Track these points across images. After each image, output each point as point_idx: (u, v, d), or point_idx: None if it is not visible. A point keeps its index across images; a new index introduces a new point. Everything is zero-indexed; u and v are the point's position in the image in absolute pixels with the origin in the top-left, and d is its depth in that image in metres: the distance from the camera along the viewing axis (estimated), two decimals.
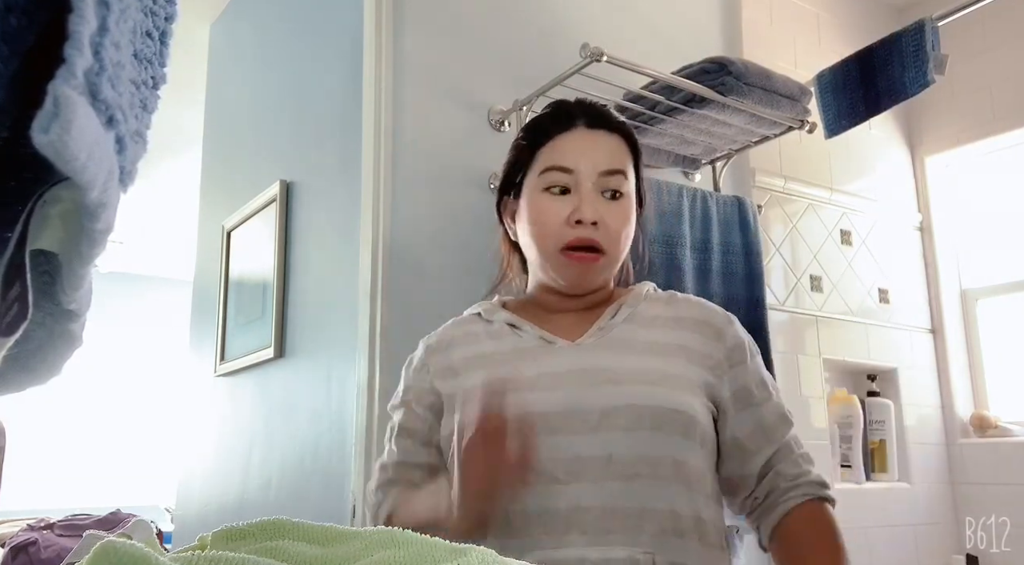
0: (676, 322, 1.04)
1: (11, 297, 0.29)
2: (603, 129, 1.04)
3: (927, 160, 2.66)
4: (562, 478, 0.92)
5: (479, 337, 1.06)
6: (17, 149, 0.28)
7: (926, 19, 1.66)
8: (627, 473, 0.91)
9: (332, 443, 1.64)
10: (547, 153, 1.03)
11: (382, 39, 1.63)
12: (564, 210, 1.00)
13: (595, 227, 0.99)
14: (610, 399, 0.94)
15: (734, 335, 1.05)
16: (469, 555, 0.39)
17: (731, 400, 1.01)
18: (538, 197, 1.02)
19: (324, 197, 1.84)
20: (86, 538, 0.39)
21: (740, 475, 1.01)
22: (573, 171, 1.01)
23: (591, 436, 0.92)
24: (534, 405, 0.94)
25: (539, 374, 0.98)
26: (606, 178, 1.01)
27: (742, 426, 1.00)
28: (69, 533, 2.85)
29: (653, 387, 0.95)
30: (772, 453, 1.00)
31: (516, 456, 0.85)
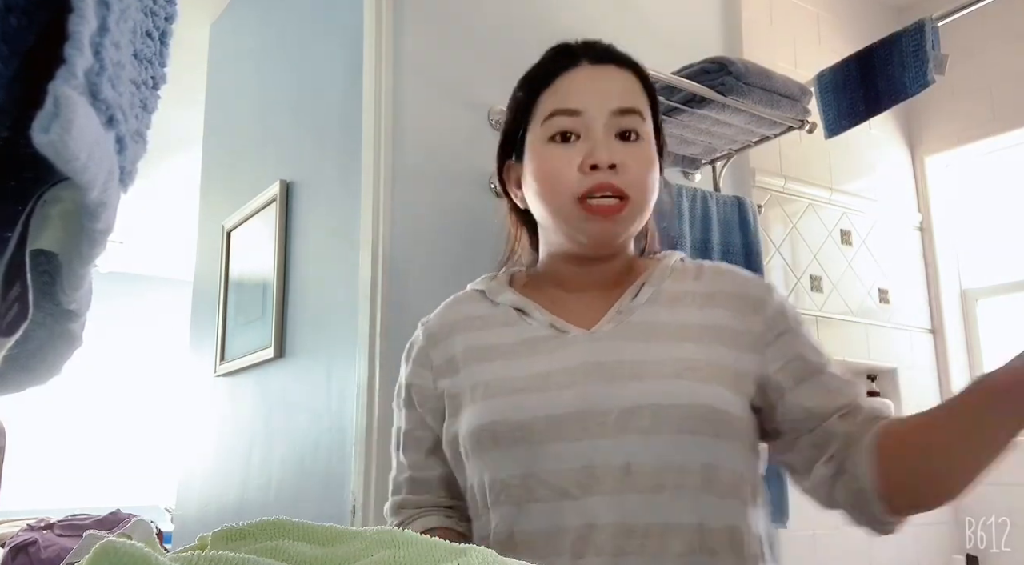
0: (707, 299, 0.90)
1: (11, 297, 0.29)
2: (611, 64, 0.90)
3: (927, 160, 2.66)
4: (573, 492, 0.80)
5: (483, 323, 0.94)
6: (17, 149, 0.28)
7: (926, 19, 1.66)
8: (648, 484, 0.79)
9: (332, 443, 1.64)
10: (549, 98, 0.89)
11: (382, 39, 1.63)
12: (575, 157, 0.86)
13: (613, 171, 0.84)
14: (629, 398, 0.81)
15: (775, 303, 0.90)
16: (469, 555, 0.39)
17: (783, 374, 0.86)
18: (543, 149, 0.88)
19: (324, 197, 1.84)
20: (86, 538, 0.39)
21: (812, 444, 0.84)
22: (581, 112, 0.86)
23: (607, 442, 0.80)
24: (540, 407, 0.83)
25: (549, 371, 0.85)
26: (619, 118, 0.87)
27: (807, 398, 0.85)
28: (69, 533, 2.85)
29: (679, 381, 0.82)
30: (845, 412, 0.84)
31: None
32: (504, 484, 0.83)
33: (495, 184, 1.70)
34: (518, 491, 0.82)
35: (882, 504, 0.78)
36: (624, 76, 0.90)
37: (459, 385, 0.90)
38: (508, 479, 0.83)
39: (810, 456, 0.85)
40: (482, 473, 0.85)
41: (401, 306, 1.55)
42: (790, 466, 0.89)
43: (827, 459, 0.83)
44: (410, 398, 0.96)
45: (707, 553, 0.79)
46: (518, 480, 0.82)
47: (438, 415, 0.93)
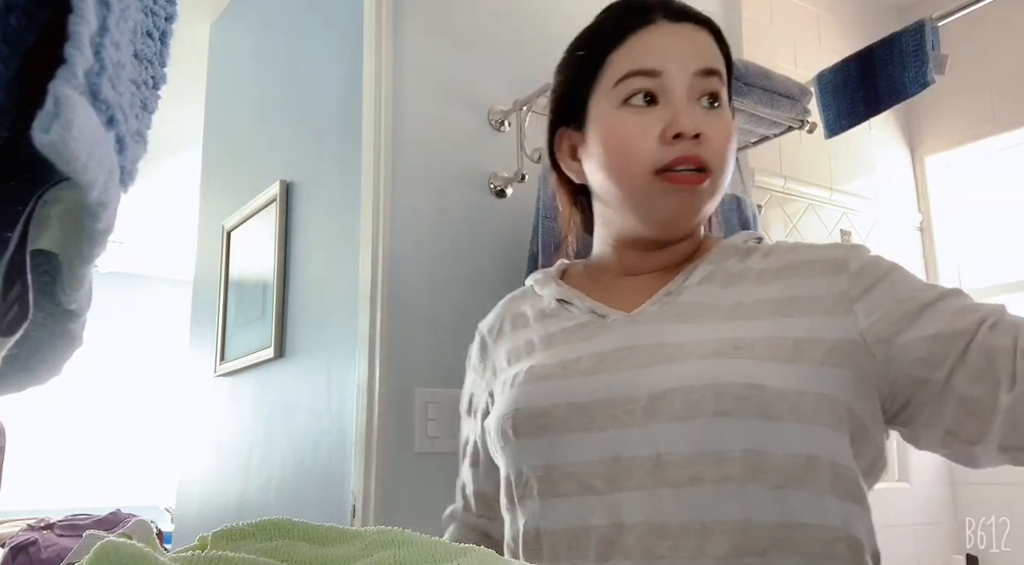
0: (774, 274, 0.79)
1: (11, 297, 0.29)
2: (689, 22, 0.81)
3: (927, 160, 2.66)
4: (599, 486, 0.72)
5: (526, 319, 0.88)
6: (17, 149, 0.28)
7: (926, 19, 1.66)
8: (683, 476, 0.69)
9: (332, 443, 1.64)
10: (621, 57, 0.79)
11: (382, 39, 1.63)
12: (654, 125, 0.76)
13: (697, 141, 0.76)
14: (658, 383, 0.72)
15: (859, 257, 0.78)
16: (469, 555, 0.39)
17: (885, 322, 0.72)
18: (616, 114, 0.78)
19: (324, 197, 1.84)
20: (86, 538, 0.39)
21: (971, 377, 0.68)
22: (661, 73, 0.77)
23: (635, 431, 0.71)
24: (562, 394, 0.76)
25: (578, 357, 0.78)
26: (702, 80, 0.78)
27: (928, 326, 0.70)
28: (69, 533, 2.85)
29: (714, 360, 0.71)
30: (993, 322, 0.68)
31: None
32: (527, 477, 0.77)
33: (495, 184, 1.71)
34: (541, 485, 0.75)
35: None
36: (704, 35, 0.81)
37: (497, 385, 0.86)
38: (530, 472, 0.76)
39: (979, 393, 0.66)
40: (507, 466, 0.80)
41: (401, 306, 1.55)
42: (959, 434, 0.69)
43: (1010, 381, 0.65)
44: (469, 407, 0.93)
45: (755, 554, 0.67)
46: (540, 472, 0.75)
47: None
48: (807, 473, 0.69)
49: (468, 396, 0.93)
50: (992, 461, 0.70)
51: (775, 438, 0.69)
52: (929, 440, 0.72)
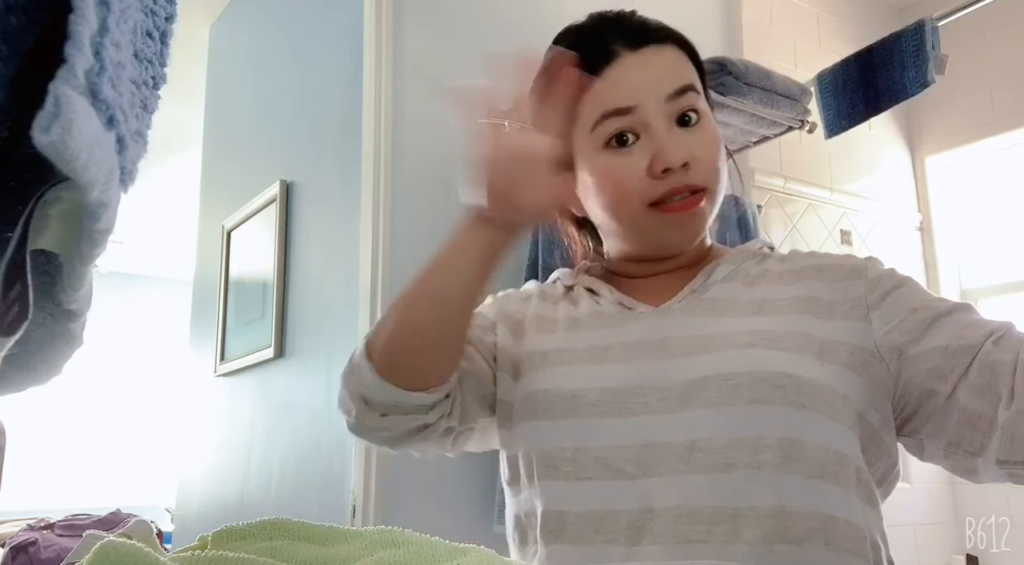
0: (794, 275, 0.80)
1: (11, 297, 0.29)
2: (651, 44, 0.80)
3: (927, 160, 2.66)
4: (629, 471, 0.71)
5: (556, 299, 0.88)
6: (17, 149, 0.28)
7: (926, 19, 1.66)
8: (716, 462, 0.69)
9: (332, 443, 1.64)
10: (590, 101, 0.79)
11: (382, 39, 1.63)
12: (640, 160, 0.76)
13: (686, 169, 0.75)
14: (694, 370, 0.72)
15: (875, 266, 0.79)
16: (469, 555, 0.39)
17: (899, 331, 0.72)
18: (600, 157, 0.79)
19: (324, 197, 1.84)
20: (86, 538, 0.39)
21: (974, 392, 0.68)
22: (634, 108, 0.77)
23: (669, 417, 0.71)
24: (595, 379, 0.75)
25: (610, 344, 0.78)
26: (676, 101, 0.77)
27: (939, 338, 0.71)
28: (69, 533, 2.85)
29: (751, 349, 0.72)
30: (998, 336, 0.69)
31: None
32: (552, 457, 0.75)
33: None
34: (568, 467, 0.74)
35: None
36: (669, 52, 0.80)
37: (521, 351, 0.84)
38: (557, 452, 0.75)
39: (980, 408, 0.67)
40: (530, 444, 0.78)
41: None
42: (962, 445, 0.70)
43: (1009, 397, 0.66)
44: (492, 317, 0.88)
45: (790, 541, 0.66)
46: (568, 454, 0.74)
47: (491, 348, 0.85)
48: (838, 469, 0.69)
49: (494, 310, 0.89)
50: (992, 475, 0.70)
51: (809, 429, 0.69)
52: (933, 451, 0.73)
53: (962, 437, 0.69)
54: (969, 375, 0.68)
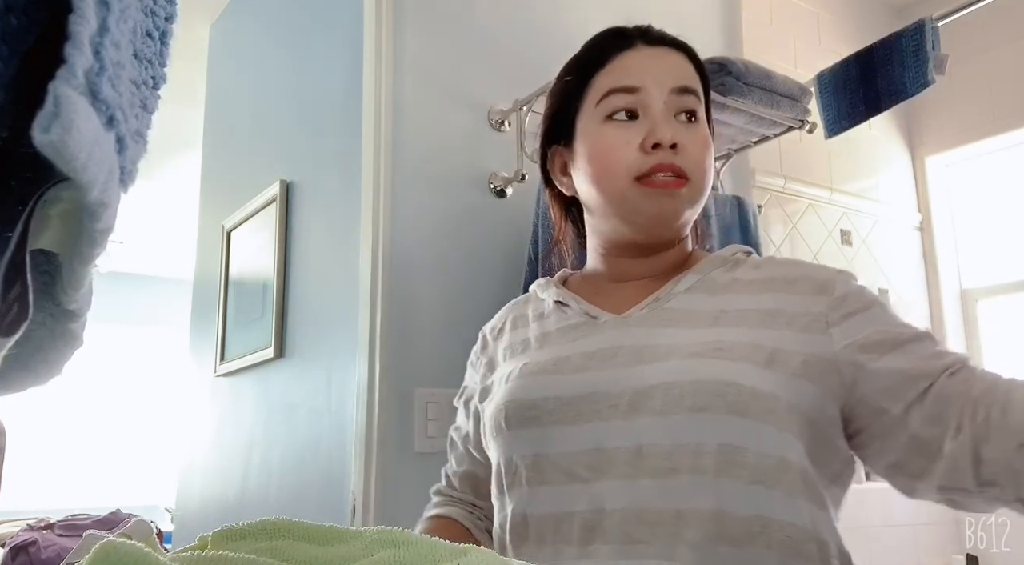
0: (759, 285, 0.83)
1: (11, 297, 0.29)
2: (666, 46, 0.89)
3: (927, 160, 2.66)
4: (583, 475, 0.76)
5: (526, 320, 0.94)
6: (17, 149, 0.28)
7: (926, 19, 1.66)
8: (661, 467, 0.73)
9: (332, 443, 1.64)
10: (604, 78, 0.87)
11: (382, 39, 1.63)
12: (635, 136, 0.82)
13: (675, 151, 0.82)
14: (642, 379, 0.77)
15: (845, 283, 0.81)
16: (469, 555, 0.39)
17: (860, 348, 0.75)
18: (600, 128, 0.85)
19: (324, 197, 1.84)
20: (86, 538, 0.39)
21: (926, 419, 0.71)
22: (640, 89, 0.84)
23: (618, 424, 0.76)
24: (551, 388, 0.80)
25: (569, 354, 0.83)
26: (679, 97, 0.85)
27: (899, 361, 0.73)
28: (69, 533, 2.85)
29: (696, 360, 0.76)
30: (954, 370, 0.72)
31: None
32: (516, 465, 0.82)
33: (495, 184, 1.71)
34: (529, 473, 0.80)
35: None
36: (680, 58, 0.88)
37: (494, 376, 0.92)
38: (520, 460, 0.81)
39: (929, 435, 0.70)
40: (499, 455, 0.85)
41: (401, 306, 1.55)
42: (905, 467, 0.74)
43: (956, 429, 0.69)
44: (464, 397, 1.00)
45: (728, 543, 0.70)
46: (529, 461, 0.80)
47: (474, 412, 0.96)
48: (780, 473, 0.72)
49: (463, 388, 1.01)
50: (929, 497, 0.74)
51: (749, 435, 0.73)
52: (874, 466, 0.78)
53: (907, 461, 0.73)
54: (924, 402, 0.71)
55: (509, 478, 0.83)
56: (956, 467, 0.69)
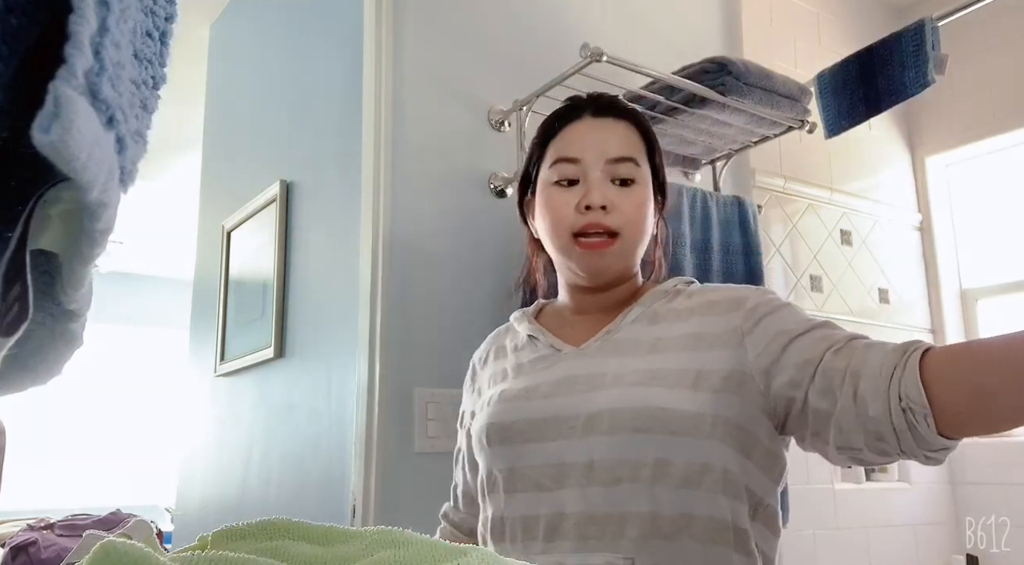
0: (689, 312, 0.97)
1: (11, 297, 0.29)
2: (610, 117, 1.02)
3: (927, 160, 2.66)
4: (547, 485, 0.92)
5: (506, 352, 1.09)
6: (17, 149, 0.28)
7: (926, 19, 1.66)
8: (608, 478, 0.89)
9: (332, 443, 1.64)
10: (555, 146, 1.02)
11: (382, 39, 1.63)
12: (573, 199, 0.98)
13: (605, 212, 0.96)
14: (594, 405, 0.92)
15: (759, 294, 0.95)
16: (469, 555, 0.39)
17: (766, 354, 0.88)
18: (549, 191, 1.01)
19: (324, 197, 1.84)
20: (86, 538, 0.39)
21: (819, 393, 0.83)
22: (580, 160, 0.99)
23: (575, 443, 0.91)
24: (523, 413, 0.96)
25: (537, 384, 0.98)
26: (614, 166, 0.98)
27: (794, 356, 0.86)
28: (69, 533, 2.85)
29: (636, 388, 0.91)
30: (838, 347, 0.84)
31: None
32: (495, 477, 0.97)
33: (495, 184, 1.71)
34: (505, 483, 0.95)
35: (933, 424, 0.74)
36: (622, 126, 1.01)
37: (478, 401, 1.07)
38: (498, 473, 0.96)
39: (823, 407, 0.83)
40: (483, 468, 1.00)
41: (401, 306, 1.55)
42: (818, 434, 0.86)
43: (839, 398, 0.81)
44: (463, 421, 1.12)
45: (661, 537, 0.86)
46: (505, 474, 0.95)
47: (468, 433, 1.08)
48: (702, 477, 0.87)
49: (462, 412, 1.14)
50: (840, 460, 0.87)
51: (678, 449, 0.88)
52: (804, 445, 0.90)
53: (817, 430, 0.86)
54: (815, 381, 0.85)
55: (490, 486, 0.98)
56: (841, 429, 0.82)
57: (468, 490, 1.10)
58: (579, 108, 1.04)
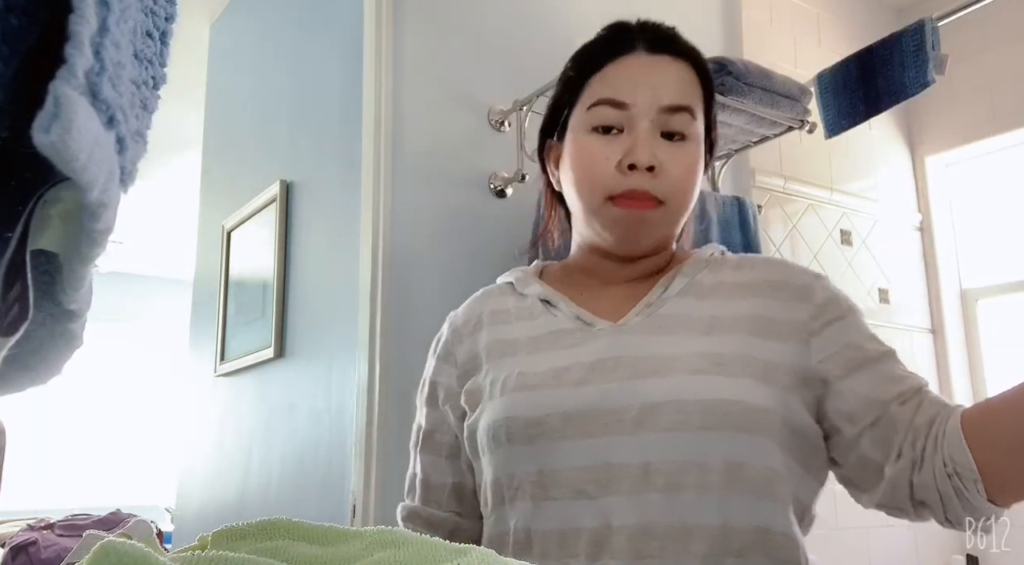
0: (745, 289, 0.84)
1: (11, 297, 0.29)
2: (668, 54, 0.85)
3: (927, 160, 2.66)
4: (590, 491, 0.76)
5: (508, 316, 0.90)
6: (17, 149, 0.28)
7: (926, 19, 1.65)
8: (668, 483, 0.74)
9: (332, 443, 1.64)
10: (598, 84, 0.85)
11: (382, 39, 1.63)
12: (615, 153, 0.81)
13: (651, 174, 0.80)
14: (649, 395, 0.76)
15: (824, 291, 0.83)
16: (469, 555, 0.39)
17: (832, 363, 0.79)
18: (584, 137, 0.84)
19: (324, 197, 1.84)
20: (86, 538, 0.39)
21: (874, 442, 0.76)
22: (628, 106, 0.82)
23: (625, 440, 0.76)
24: (555, 403, 0.79)
25: (568, 365, 0.81)
26: (668, 116, 0.82)
27: (860, 384, 0.78)
28: (69, 533, 2.85)
29: (704, 377, 0.76)
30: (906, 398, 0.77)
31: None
32: (519, 481, 0.80)
33: (495, 184, 1.71)
34: (533, 489, 0.79)
35: (983, 489, 0.70)
36: (680, 68, 0.84)
37: (480, 381, 0.87)
38: (523, 476, 0.79)
39: (875, 458, 0.77)
40: (497, 469, 0.82)
41: (401, 306, 1.55)
42: (853, 481, 0.80)
43: (896, 456, 0.75)
44: (434, 396, 0.93)
45: (734, 555, 0.73)
46: (533, 477, 0.79)
47: (460, 414, 0.89)
48: (776, 486, 0.76)
49: (430, 384, 0.93)
50: (870, 507, 0.81)
51: (751, 451, 0.75)
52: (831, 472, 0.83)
53: (854, 475, 0.80)
54: (875, 428, 0.77)
55: (511, 492, 0.80)
56: (895, 489, 0.76)
57: (457, 485, 0.90)
58: (630, 39, 0.85)
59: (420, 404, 0.95)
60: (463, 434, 0.88)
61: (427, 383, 0.94)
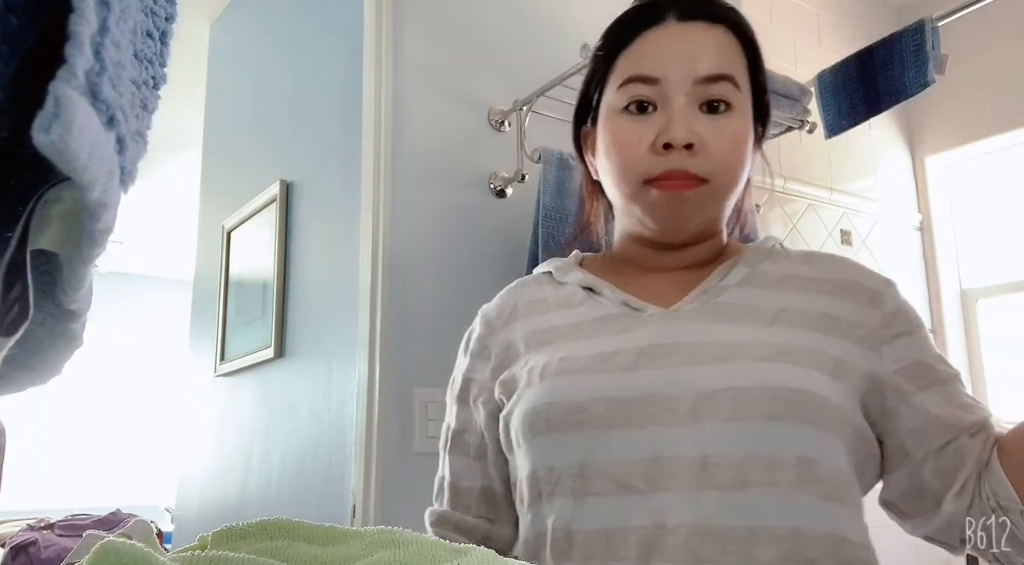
0: (814, 284, 0.78)
1: (11, 297, 0.29)
2: (702, 20, 0.78)
3: (927, 160, 2.66)
4: (639, 486, 0.68)
5: (547, 305, 0.83)
6: (17, 149, 0.28)
7: (926, 19, 1.65)
8: (730, 480, 0.66)
9: (332, 443, 1.64)
10: (627, 60, 0.78)
11: (382, 39, 1.63)
12: (648, 133, 0.74)
13: (690, 152, 0.73)
14: (706, 382, 0.69)
15: (895, 300, 0.78)
16: (470, 555, 0.39)
17: (903, 376, 0.73)
18: (616, 119, 0.77)
19: (324, 197, 1.84)
20: (86, 538, 0.39)
21: (938, 471, 0.72)
22: (660, 80, 0.75)
23: (679, 430, 0.68)
24: (601, 389, 0.71)
25: (616, 350, 0.74)
26: (706, 87, 0.75)
27: (934, 405, 0.72)
28: (69, 533, 2.85)
29: (770, 364, 0.69)
30: (977, 430, 0.73)
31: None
32: (559, 474, 0.72)
33: (495, 184, 1.71)
34: (574, 482, 0.71)
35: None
36: (717, 34, 0.78)
37: (517, 371, 0.80)
38: (563, 468, 0.72)
39: (934, 488, 0.72)
40: (535, 462, 0.74)
41: (401, 306, 1.55)
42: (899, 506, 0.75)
43: (959, 490, 0.71)
44: (465, 393, 0.86)
45: (804, 563, 0.65)
46: (575, 469, 0.71)
47: (492, 408, 0.82)
48: (848, 489, 0.70)
49: (463, 381, 0.87)
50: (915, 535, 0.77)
51: (823, 448, 0.69)
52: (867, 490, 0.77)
53: (905, 500, 0.74)
54: (941, 455, 0.72)
55: (548, 488, 0.73)
56: (950, 526, 0.72)
57: (490, 486, 0.83)
58: (659, 9, 0.78)
59: (450, 402, 0.88)
60: (495, 429, 0.82)
61: (459, 380, 0.88)
